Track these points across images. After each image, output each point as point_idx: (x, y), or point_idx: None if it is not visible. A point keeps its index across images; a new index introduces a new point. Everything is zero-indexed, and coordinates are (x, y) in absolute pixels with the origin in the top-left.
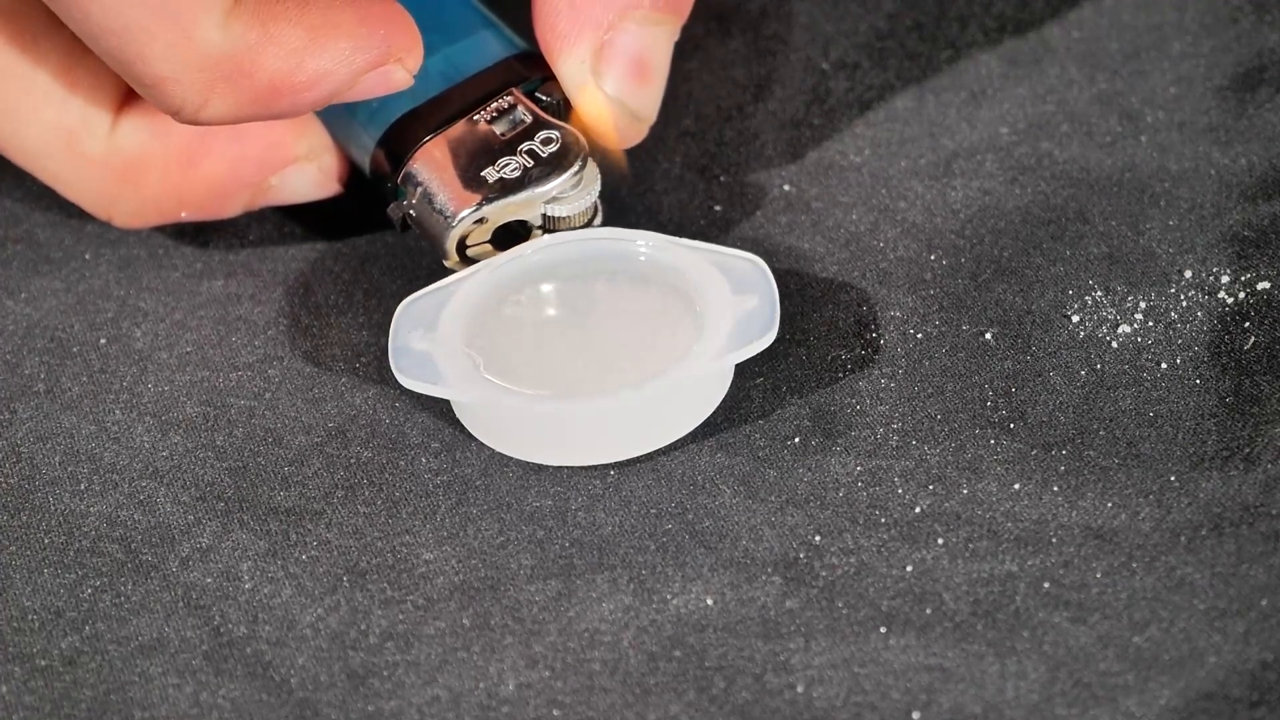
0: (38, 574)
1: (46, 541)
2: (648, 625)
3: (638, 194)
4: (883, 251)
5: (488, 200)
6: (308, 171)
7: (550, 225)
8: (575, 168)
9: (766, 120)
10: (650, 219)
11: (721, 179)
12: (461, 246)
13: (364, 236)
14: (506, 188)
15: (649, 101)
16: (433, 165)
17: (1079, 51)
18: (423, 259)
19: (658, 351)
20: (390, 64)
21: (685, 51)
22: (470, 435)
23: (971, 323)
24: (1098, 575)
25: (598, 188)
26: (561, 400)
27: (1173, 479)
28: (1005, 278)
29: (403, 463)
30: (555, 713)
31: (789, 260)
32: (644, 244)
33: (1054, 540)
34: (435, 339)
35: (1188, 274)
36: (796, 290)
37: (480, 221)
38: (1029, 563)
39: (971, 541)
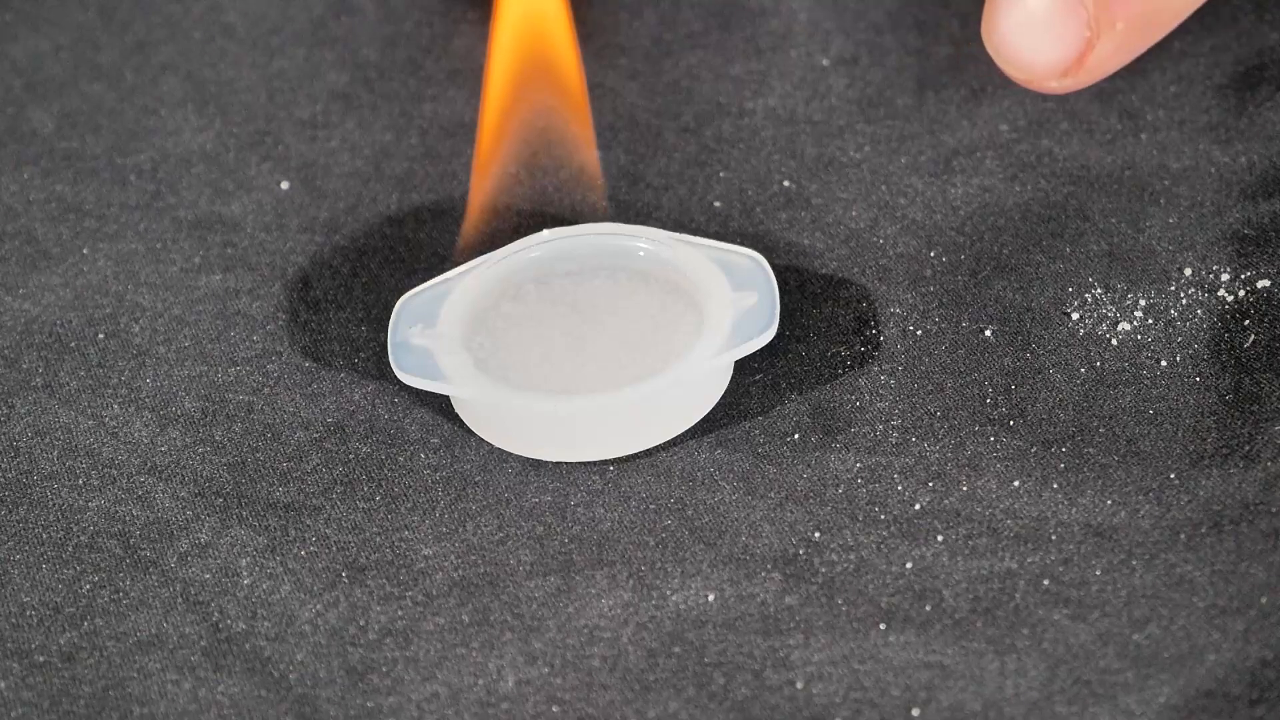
0: (36, 569)
1: (45, 537)
2: (647, 621)
3: (637, 190)
4: (883, 248)
5: None
6: None
7: None
8: None
9: (766, 116)
10: (650, 215)
11: (721, 175)
12: None
13: (362, 231)
14: None
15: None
16: None
17: None
18: (421, 253)
19: (657, 348)
20: None
21: (684, 47)
22: (469, 431)
23: (971, 320)
24: (1097, 573)
25: None
26: (561, 396)
27: (1172, 476)
28: (1005, 275)
29: (402, 458)
30: (555, 709)
31: (789, 257)
32: (644, 240)
33: (1053, 537)
34: (434, 334)
35: (1188, 271)
36: (796, 287)
37: None
38: (1028, 560)
39: (971, 538)
